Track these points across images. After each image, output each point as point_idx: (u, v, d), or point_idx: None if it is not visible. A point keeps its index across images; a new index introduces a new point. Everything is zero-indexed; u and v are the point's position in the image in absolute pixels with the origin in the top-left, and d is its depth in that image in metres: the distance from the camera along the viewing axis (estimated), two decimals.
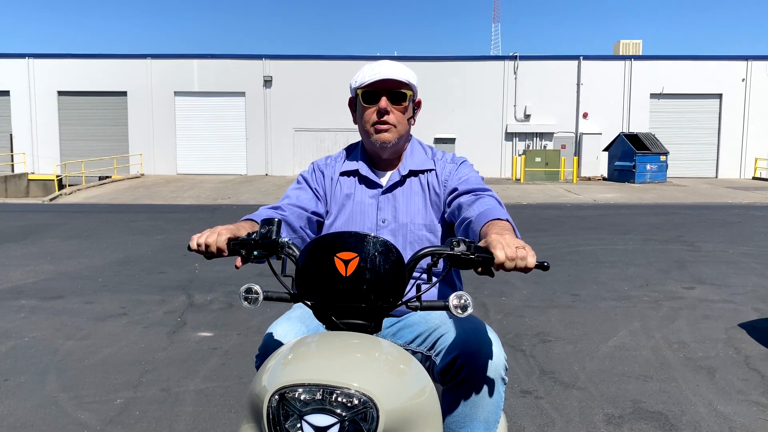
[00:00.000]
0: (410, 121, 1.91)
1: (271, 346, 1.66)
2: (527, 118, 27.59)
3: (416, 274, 1.76)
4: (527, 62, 27.60)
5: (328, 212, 1.96)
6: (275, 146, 27.92)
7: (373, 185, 1.93)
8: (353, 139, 3.42)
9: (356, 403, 1.10)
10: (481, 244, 1.39)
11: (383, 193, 1.91)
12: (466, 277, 5.11)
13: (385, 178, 1.94)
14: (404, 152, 1.96)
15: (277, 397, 1.12)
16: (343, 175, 1.96)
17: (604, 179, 25.36)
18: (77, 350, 4.27)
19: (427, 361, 1.70)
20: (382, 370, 1.19)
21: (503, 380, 1.62)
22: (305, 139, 27.92)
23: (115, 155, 27.02)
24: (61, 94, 28.01)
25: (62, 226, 11.38)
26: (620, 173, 23.62)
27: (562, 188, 20.66)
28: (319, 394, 1.11)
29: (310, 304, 1.41)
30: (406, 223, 1.88)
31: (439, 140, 26.85)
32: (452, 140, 27.18)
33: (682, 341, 4.45)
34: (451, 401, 1.61)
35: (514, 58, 27.61)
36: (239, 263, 1.53)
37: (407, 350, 1.66)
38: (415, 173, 1.93)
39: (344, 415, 1.10)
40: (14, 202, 18.81)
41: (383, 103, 1.82)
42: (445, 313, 1.75)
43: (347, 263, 1.35)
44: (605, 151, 25.31)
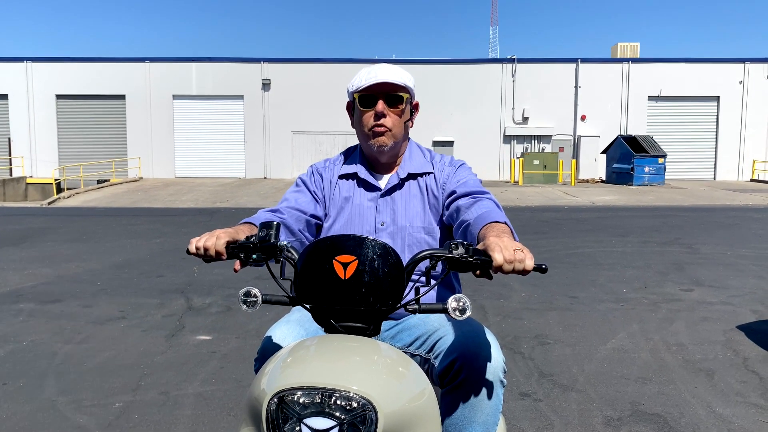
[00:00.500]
0: (408, 123, 1.91)
1: (269, 349, 1.66)
2: (525, 120, 27.62)
3: (415, 277, 1.76)
4: (525, 65, 27.65)
5: (326, 215, 1.96)
6: (274, 149, 27.92)
7: (371, 188, 1.93)
8: (351, 142, 3.41)
9: (355, 406, 1.10)
10: (479, 246, 1.40)
11: (382, 196, 1.91)
12: (464, 279, 5.12)
13: (383, 181, 1.95)
14: (403, 155, 1.96)
15: (276, 400, 1.13)
16: (341, 178, 1.97)
17: (602, 182, 25.39)
18: (76, 354, 4.26)
19: (425, 363, 1.70)
20: (380, 373, 1.20)
21: (502, 383, 1.62)
22: (304, 142, 27.92)
23: (113, 159, 27.00)
24: (59, 97, 28.00)
25: (60, 229, 11.37)
26: (618, 176, 23.65)
27: (560, 191, 20.68)
28: (318, 397, 1.11)
29: (308, 307, 1.42)
30: (404, 226, 1.88)
31: (437, 143, 26.88)
32: (451, 143, 27.20)
33: (680, 343, 4.45)
34: (449, 404, 1.61)
35: (512, 61, 27.65)
36: (238, 266, 1.53)
37: (406, 353, 1.66)
38: (413, 176, 1.93)
39: (343, 418, 1.10)
40: (12, 205, 18.79)
41: (380, 106, 1.83)
42: (443, 315, 1.75)
43: (346, 266, 1.35)
44: (603, 153, 25.35)
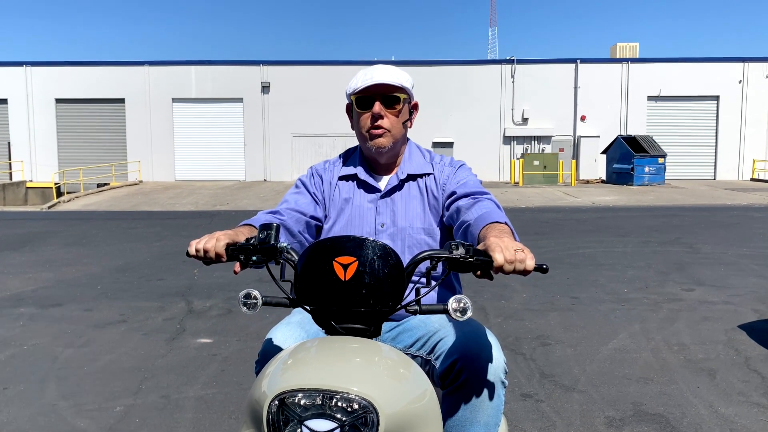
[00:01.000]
0: (406, 124, 1.91)
1: (270, 351, 1.66)
2: (525, 121, 27.63)
3: (415, 278, 1.76)
4: (525, 66, 27.66)
5: (326, 216, 1.96)
6: (273, 152, 27.93)
7: (371, 189, 1.93)
8: (351, 144, 3.41)
9: (356, 407, 1.10)
10: (479, 247, 1.39)
11: (382, 197, 1.91)
12: (465, 280, 5.12)
13: (383, 182, 1.94)
14: (402, 156, 1.96)
15: (276, 402, 1.12)
16: (341, 179, 1.96)
17: (602, 182, 25.39)
18: (76, 358, 4.26)
19: (426, 365, 1.70)
20: (381, 374, 1.19)
21: (503, 383, 1.62)
22: (303, 144, 27.93)
23: (113, 162, 27.01)
24: (58, 101, 28.02)
25: (61, 233, 11.37)
26: (618, 176, 23.65)
27: (560, 191, 20.68)
28: (319, 399, 1.11)
29: (309, 308, 1.41)
30: (404, 227, 1.88)
31: (437, 144, 26.89)
32: (450, 144, 27.22)
33: (682, 343, 4.44)
34: (451, 405, 1.61)
35: (511, 61, 27.67)
36: (238, 268, 1.53)
37: (407, 354, 1.66)
38: (413, 177, 1.93)
39: (344, 419, 1.09)
40: (12, 210, 18.79)
41: (376, 108, 1.82)
42: (444, 316, 1.74)
43: (346, 267, 1.35)
44: (603, 153, 25.36)
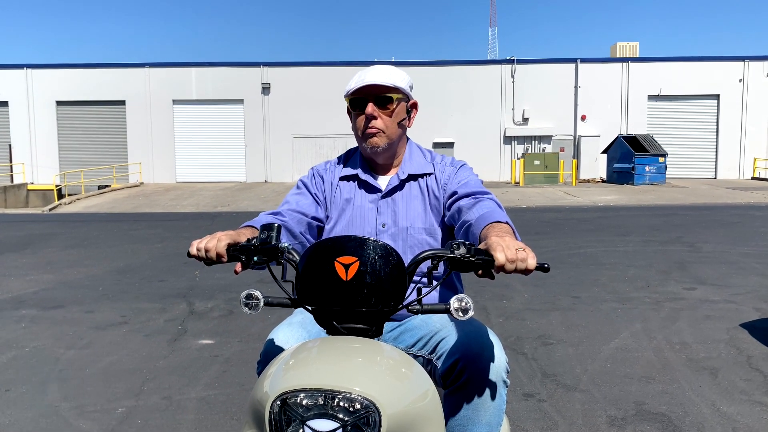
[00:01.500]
0: (403, 123, 1.91)
1: (272, 352, 1.66)
2: (525, 121, 27.63)
3: (416, 277, 1.76)
4: (525, 66, 27.66)
5: (328, 217, 1.96)
6: (274, 153, 27.94)
7: (372, 190, 1.93)
8: (352, 144, 3.41)
9: (358, 407, 1.10)
10: (481, 246, 1.39)
11: (383, 197, 1.91)
12: (466, 280, 5.12)
13: (384, 182, 1.94)
14: (403, 156, 1.96)
15: (279, 402, 1.12)
16: (342, 179, 1.97)
17: (603, 181, 25.38)
18: (78, 359, 4.26)
19: (428, 364, 1.70)
20: (383, 374, 1.19)
21: (505, 383, 1.62)
22: (304, 145, 27.94)
23: (114, 164, 27.03)
24: (59, 103, 28.05)
25: (62, 235, 11.38)
26: (619, 175, 23.64)
27: (561, 191, 20.67)
28: (321, 399, 1.11)
29: (310, 309, 1.41)
30: (406, 227, 1.88)
31: (437, 145, 26.89)
32: (451, 145, 27.22)
33: (683, 342, 4.44)
34: (453, 405, 1.61)
35: (511, 61, 27.67)
36: (239, 268, 1.53)
37: (408, 354, 1.66)
38: (414, 177, 1.93)
39: (346, 419, 1.09)
40: (14, 212, 18.81)
41: (369, 108, 1.83)
42: (446, 316, 1.74)
43: (347, 267, 1.35)
44: (604, 153, 25.35)
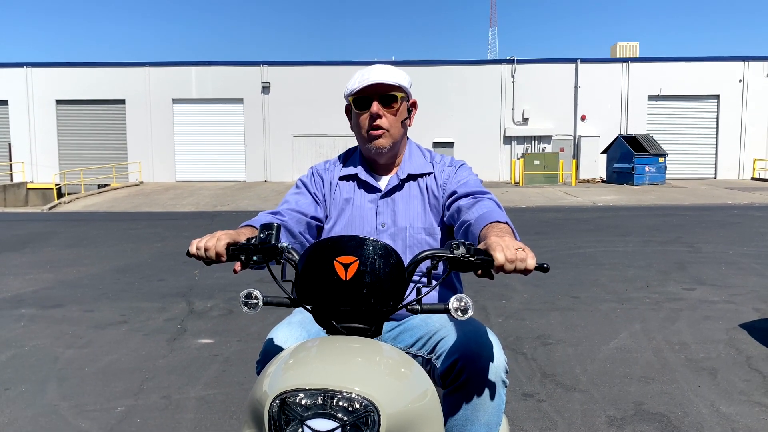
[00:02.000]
0: (405, 123, 1.91)
1: (271, 351, 1.66)
2: (525, 121, 27.63)
3: (416, 277, 1.75)
4: (525, 66, 27.66)
5: (327, 217, 1.96)
6: (274, 152, 27.93)
7: (372, 189, 1.93)
8: (351, 144, 3.40)
9: (357, 407, 1.10)
10: (480, 246, 1.39)
11: (382, 197, 1.91)
12: (466, 280, 5.11)
13: (383, 182, 1.94)
14: (402, 156, 1.96)
15: (278, 402, 1.12)
16: (342, 179, 1.96)
17: (602, 181, 25.39)
18: (77, 358, 4.26)
19: (427, 364, 1.70)
20: (383, 374, 1.19)
21: (504, 383, 1.62)
22: (304, 144, 27.94)
23: (113, 163, 27.03)
24: (59, 102, 28.04)
25: (61, 234, 11.38)
26: (619, 175, 23.64)
27: (561, 191, 20.68)
28: (320, 398, 1.11)
29: (310, 308, 1.41)
30: (405, 227, 1.88)
31: (437, 144, 26.89)
32: (451, 144, 27.22)
33: (683, 342, 4.44)
34: (452, 404, 1.61)
35: (511, 61, 27.66)
36: (238, 267, 1.53)
37: (408, 354, 1.66)
38: (413, 177, 1.93)
39: (345, 419, 1.09)
40: (13, 211, 18.80)
41: (374, 108, 1.82)
42: (445, 316, 1.74)
43: (347, 267, 1.35)
44: (604, 153, 25.36)
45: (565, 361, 4.08)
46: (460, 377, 1.58)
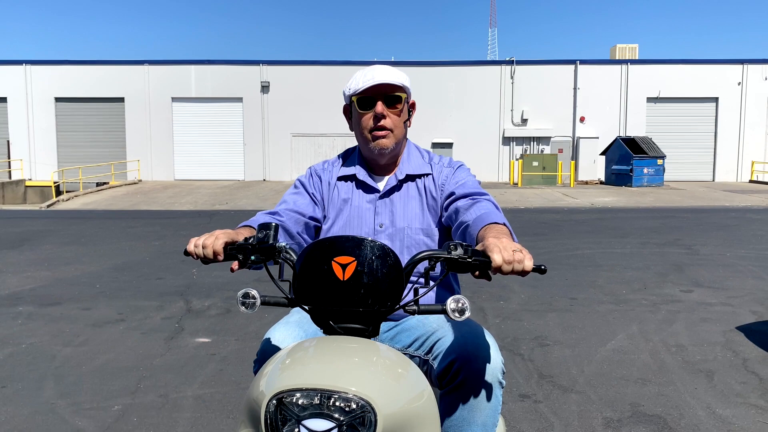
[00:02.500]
0: (406, 123, 1.92)
1: (269, 351, 1.66)
2: (524, 122, 27.64)
3: (414, 278, 1.76)
4: (524, 67, 27.67)
5: (325, 217, 1.96)
6: (273, 152, 27.92)
7: (370, 190, 1.93)
8: (351, 144, 3.42)
9: (354, 407, 1.10)
10: (478, 247, 1.40)
11: (380, 197, 1.91)
12: (463, 281, 5.12)
13: (382, 182, 1.95)
14: (401, 157, 1.96)
15: (274, 401, 1.12)
16: (340, 179, 1.97)
17: (601, 183, 25.41)
18: (75, 357, 4.26)
19: (424, 365, 1.70)
20: (379, 374, 1.19)
21: (501, 384, 1.62)
22: (303, 144, 27.93)
23: (112, 161, 26.98)
24: (58, 100, 28.00)
25: (59, 232, 11.37)
26: (617, 177, 23.66)
27: (559, 192, 20.69)
28: (316, 398, 1.11)
29: (307, 308, 1.41)
30: (403, 227, 1.88)
31: (436, 145, 26.89)
32: (449, 145, 27.22)
33: (680, 344, 4.45)
34: (449, 405, 1.61)
35: (510, 62, 27.67)
36: (235, 266, 1.53)
37: (405, 354, 1.66)
38: (412, 178, 1.93)
39: (342, 419, 1.10)
40: (11, 208, 18.77)
41: (379, 107, 1.83)
42: (442, 317, 1.75)
43: (345, 267, 1.35)
44: (602, 155, 25.37)
45: (562, 362, 4.08)
46: (456, 378, 1.58)
